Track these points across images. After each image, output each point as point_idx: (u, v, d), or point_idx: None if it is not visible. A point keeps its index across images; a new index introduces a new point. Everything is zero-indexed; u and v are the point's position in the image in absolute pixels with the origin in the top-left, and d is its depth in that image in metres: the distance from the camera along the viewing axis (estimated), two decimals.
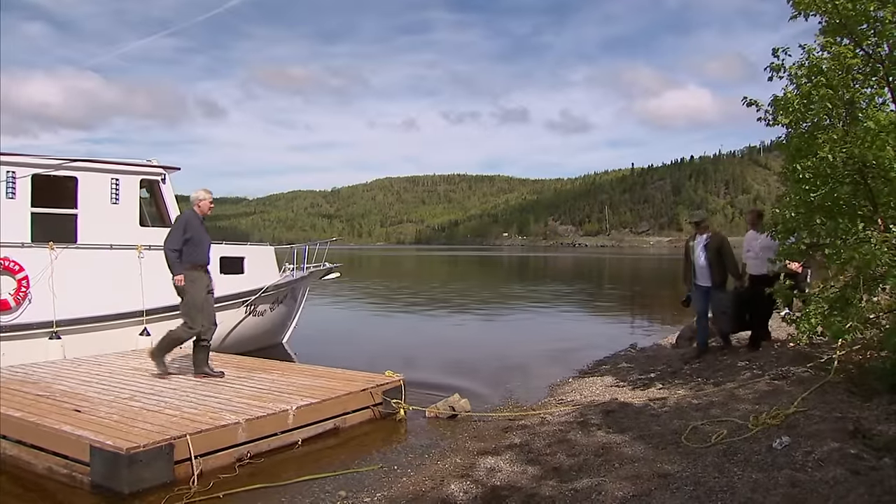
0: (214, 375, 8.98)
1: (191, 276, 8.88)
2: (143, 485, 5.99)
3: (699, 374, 9.32)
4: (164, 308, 11.71)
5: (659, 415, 7.15)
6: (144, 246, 11.65)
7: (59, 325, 10.67)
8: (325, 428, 7.79)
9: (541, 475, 5.62)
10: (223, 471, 6.49)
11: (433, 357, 13.25)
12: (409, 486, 5.94)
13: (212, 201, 9.30)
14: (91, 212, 11.30)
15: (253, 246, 14.44)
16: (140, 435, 6.34)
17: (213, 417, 6.96)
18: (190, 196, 9.21)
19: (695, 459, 5.46)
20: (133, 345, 11.35)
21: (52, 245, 10.80)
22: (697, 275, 10.40)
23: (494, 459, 6.17)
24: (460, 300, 28.29)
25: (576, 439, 6.59)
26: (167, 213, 12.20)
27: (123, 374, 9.29)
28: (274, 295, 13.70)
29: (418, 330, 19.02)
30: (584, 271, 59.43)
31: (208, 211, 9.24)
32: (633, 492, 4.87)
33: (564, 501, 4.90)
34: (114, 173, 11.55)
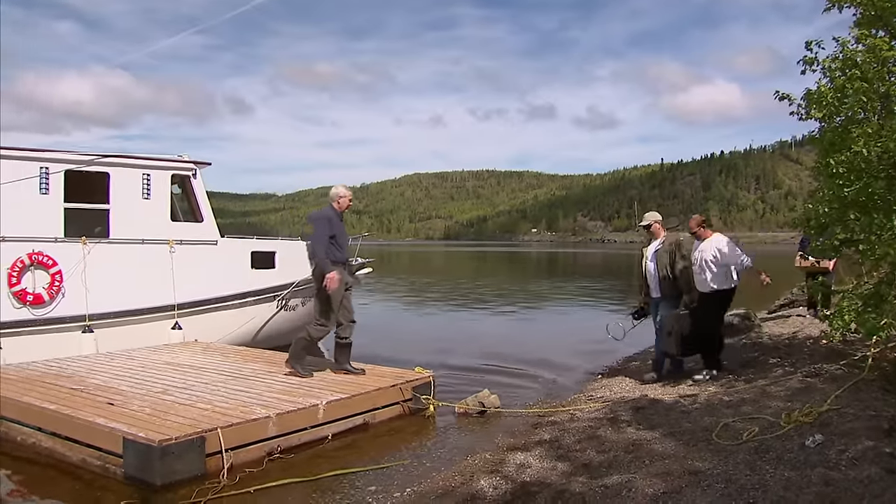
0: (356, 372, 8.84)
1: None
2: (175, 477, 6.04)
3: (730, 371, 9.24)
4: (196, 302, 11.82)
5: (689, 411, 7.10)
6: (176, 241, 11.76)
7: (91, 319, 10.79)
8: (355, 423, 7.81)
9: (571, 471, 5.60)
10: (253, 464, 6.54)
11: (463, 352, 13.23)
12: (439, 481, 5.95)
13: (351, 198, 9.12)
14: (123, 207, 11.40)
15: (284, 241, 14.49)
16: (172, 428, 6.40)
17: (243, 411, 7.01)
18: (329, 192, 9.05)
19: (726, 457, 5.42)
20: (165, 339, 11.45)
21: (84, 240, 10.92)
22: (650, 285, 9.71)
23: (524, 455, 6.16)
24: (489, 296, 28.27)
25: (606, 436, 6.56)
26: (198, 207, 12.29)
27: (155, 368, 9.38)
28: (306, 290, 13.73)
29: (448, 326, 19.03)
30: (613, 267, 59.10)
31: (346, 208, 9.07)
32: (664, 489, 4.84)
33: (594, 498, 4.87)
34: (145, 169, 11.65)
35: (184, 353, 10.57)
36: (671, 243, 9.53)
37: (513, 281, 42.16)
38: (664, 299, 9.46)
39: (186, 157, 12.27)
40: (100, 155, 11.25)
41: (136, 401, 7.47)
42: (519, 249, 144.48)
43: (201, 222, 12.26)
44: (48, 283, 10.56)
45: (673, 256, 9.37)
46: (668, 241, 9.57)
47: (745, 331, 12.34)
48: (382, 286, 32.07)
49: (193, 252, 11.98)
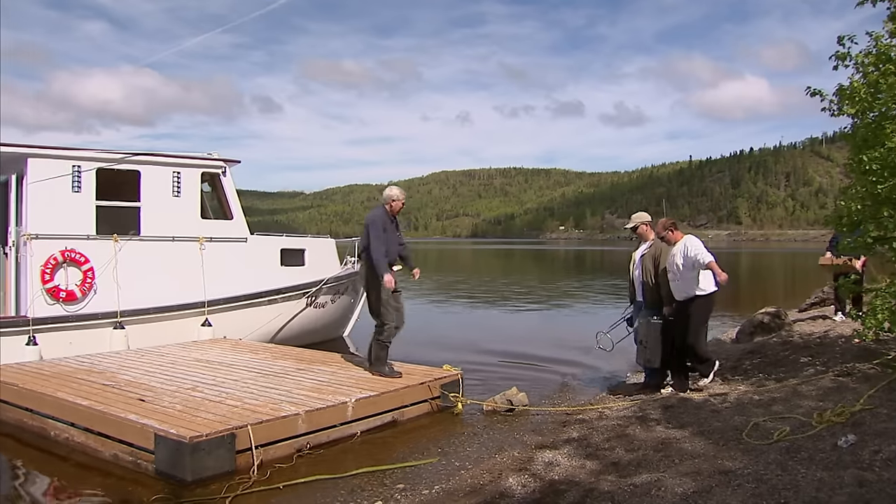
0: (393, 376, 8.72)
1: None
2: (205, 473, 6.09)
3: (760, 370, 9.16)
4: (226, 300, 11.91)
5: (719, 410, 7.05)
6: (206, 238, 11.85)
7: (122, 315, 10.90)
8: (384, 420, 7.83)
9: (599, 470, 5.58)
10: (283, 461, 6.57)
11: (491, 350, 13.22)
12: (467, 479, 5.95)
13: (403, 201, 9.03)
14: (153, 204, 11.51)
15: (314, 238, 14.55)
16: (203, 424, 6.45)
17: (273, 408, 7.05)
18: (383, 193, 8.98)
19: (757, 456, 5.37)
20: (195, 336, 11.55)
21: (115, 237, 11.04)
22: (636, 290, 9.12)
23: (552, 453, 6.14)
24: (517, 294, 28.21)
25: (634, 434, 6.53)
26: (228, 205, 12.38)
27: (185, 364, 9.46)
28: (335, 287, 13.77)
29: (476, 323, 19.02)
30: None
31: (398, 210, 8.98)
32: (694, 488, 4.80)
33: (623, 497, 4.85)
34: (175, 167, 11.75)
35: (213, 349, 10.65)
36: (655, 249, 8.84)
37: (541, 278, 42.05)
38: (648, 308, 8.81)
39: (216, 155, 12.37)
40: (131, 153, 11.37)
41: (167, 397, 7.55)
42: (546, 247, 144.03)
43: (231, 220, 12.35)
44: (80, 280, 10.71)
45: (657, 262, 8.70)
46: (655, 246, 8.85)
47: (776, 329, 12.22)
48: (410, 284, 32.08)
49: (223, 249, 12.08)
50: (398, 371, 8.80)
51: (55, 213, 10.63)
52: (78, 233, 10.78)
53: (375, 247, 8.61)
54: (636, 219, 9.32)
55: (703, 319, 8.46)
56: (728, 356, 10.68)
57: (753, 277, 44.45)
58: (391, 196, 8.94)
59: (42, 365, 9.41)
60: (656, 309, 8.66)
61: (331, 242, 14.54)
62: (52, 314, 10.50)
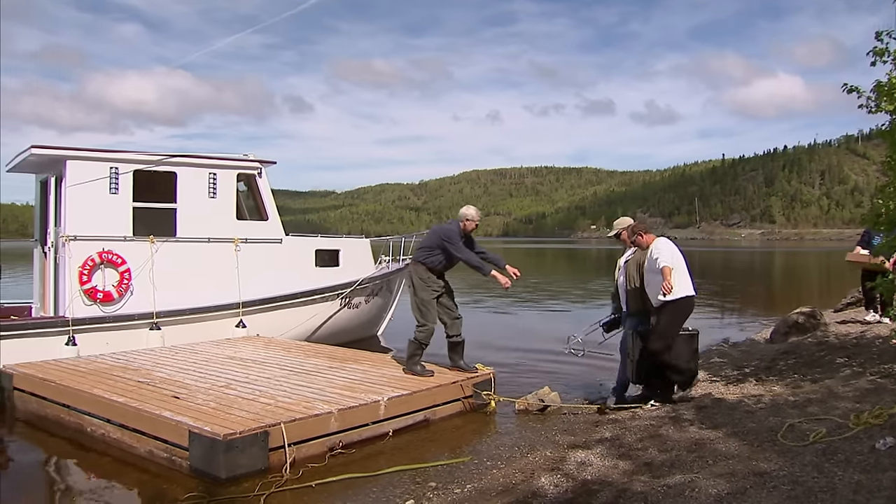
0: (425, 375, 8.76)
1: (426, 276, 8.85)
2: (239, 470, 6.15)
3: (795, 371, 9.06)
4: (260, 300, 11.99)
5: (754, 411, 6.97)
6: (241, 239, 11.94)
7: (158, 316, 11.02)
8: (416, 419, 7.85)
9: (632, 470, 5.55)
10: (315, 459, 6.61)
11: (523, 350, 13.20)
12: (500, 478, 5.94)
13: (477, 223, 9.04)
14: (189, 206, 11.61)
15: (348, 238, 14.61)
16: (236, 422, 6.51)
17: (306, 406, 7.09)
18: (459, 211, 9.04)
19: (792, 458, 5.31)
20: (229, 336, 11.65)
21: (152, 238, 11.16)
22: (620, 296, 8.81)
23: (585, 453, 6.12)
24: (549, 293, 28.14)
25: (668, 434, 6.48)
26: (264, 206, 12.46)
27: (219, 362, 9.55)
28: (369, 288, 13.81)
29: (509, 322, 19.00)
30: None
31: (470, 231, 8.98)
32: (728, 489, 4.75)
33: (657, 497, 4.81)
34: (211, 168, 11.85)
35: (246, 347, 10.74)
36: (643, 254, 8.44)
37: (573, 278, 41.90)
38: (632, 316, 8.51)
39: (252, 157, 12.45)
40: (167, 155, 11.48)
41: (201, 395, 7.62)
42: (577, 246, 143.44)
43: (266, 221, 12.43)
44: (117, 281, 10.84)
45: (642, 269, 8.37)
46: (640, 252, 8.49)
47: (811, 329, 12.09)
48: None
49: (259, 250, 12.17)
50: (430, 370, 8.81)
51: (93, 214, 10.77)
52: (115, 234, 10.91)
53: (467, 257, 8.75)
54: (618, 225, 8.98)
55: (670, 325, 7.87)
56: (762, 356, 10.59)
57: (787, 277, 43.97)
58: (466, 215, 8.95)
59: (79, 362, 9.55)
60: (641, 318, 8.34)
61: (365, 243, 14.58)
62: (90, 315, 10.65)
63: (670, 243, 7.96)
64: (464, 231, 8.91)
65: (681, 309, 7.87)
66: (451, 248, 8.72)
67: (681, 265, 7.82)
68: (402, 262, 14.90)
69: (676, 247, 7.97)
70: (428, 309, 8.80)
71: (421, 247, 9.13)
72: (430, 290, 8.80)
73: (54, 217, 11.23)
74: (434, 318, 8.82)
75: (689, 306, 7.91)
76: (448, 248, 8.75)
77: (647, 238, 8.19)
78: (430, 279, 8.82)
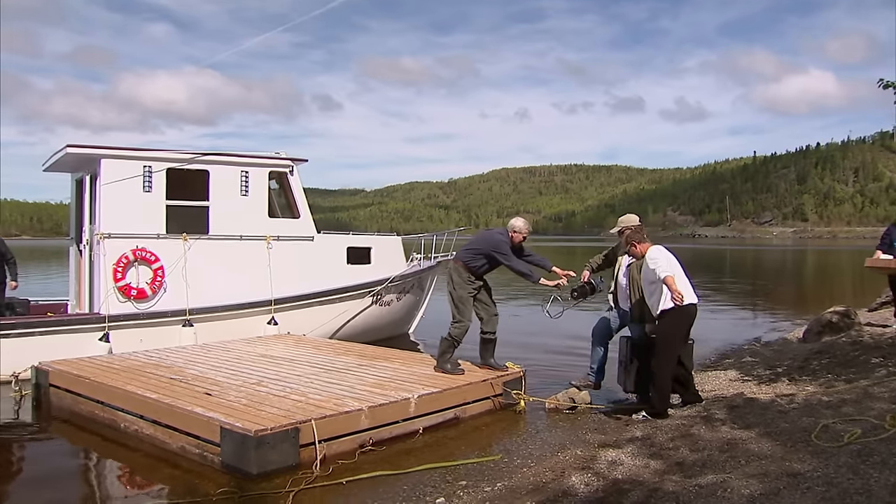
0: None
1: (465, 276, 8.86)
2: (270, 466, 6.18)
3: (829, 371, 8.96)
4: (292, 298, 12.04)
5: (787, 411, 6.90)
6: (273, 237, 12.01)
7: (191, 313, 11.12)
8: (446, 417, 7.85)
9: (663, 469, 5.52)
10: (345, 456, 6.63)
11: (554, 348, 13.16)
12: (530, 476, 5.93)
13: (525, 235, 8.95)
14: (222, 204, 11.70)
15: (380, 236, 14.64)
16: (267, 418, 6.55)
17: (336, 404, 7.12)
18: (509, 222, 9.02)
19: (826, 459, 5.25)
20: (261, 334, 11.73)
21: (185, 236, 11.26)
22: (619, 297, 8.69)
23: (616, 452, 6.09)
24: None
25: (699, 434, 6.44)
26: (295, 204, 12.52)
27: (250, 359, 9.61)
28: (400, 285, 13.83)
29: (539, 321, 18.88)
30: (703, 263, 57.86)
31: (519, 242, 8.92)
32: (761, 490, 4.71)
33: (689, 497, 4.78)
34: (243, 166, 11.92)
35: (277, 345, 10.80)
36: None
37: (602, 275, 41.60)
38: (634, 322, 8.33)
39: (284, 155, 12.51)
40: (200, 153, 11.57)
41: (233, 391, 7.68)
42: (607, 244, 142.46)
43: (298, 218, 12.48)
44: (150, 279, 10.96)
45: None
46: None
47: (845, 329, 11.94)
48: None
49: (290, 248, 12.24)
50: (462, 368, 8.80)
51: (127, 212, 10.89)
52: (149, 232, 11.03)
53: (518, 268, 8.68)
54: (623, 222, 8.64)
55: (668, 339, 7.54)
56: (795, 356, 10.48)
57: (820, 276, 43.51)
58: (514, 227, 8.91)
59: (112, 359, 9.67)
60: (642, 324, 8.14)
61: (397, 240, 14.59)
62: (124, 312, 10.77)
63: (665, 251, 7.67)
64: (512, 242, 8.85)
65: (683, 317, 7.51)
66: (501, 258, 8.71)
67: (679, 273, 7.58)
68: (434, 260, 14.90)
69: (672, 253, 7.73)
70: (465, 305, 8.81)
71: (467, 248, 9.11)
72: (467, 288, 8.82)
73: (89, 215, 11.38)
74: (470, 316, 8.83)
75: (690, 315, 7.60)
76: (498, 259, 8.74)
77: (641, 247, 7.80)
78: (469, 278, 8.84)
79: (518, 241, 8.89)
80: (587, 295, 8.88)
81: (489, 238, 9.03)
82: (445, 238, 15.60)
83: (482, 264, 8.84)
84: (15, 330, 10.12)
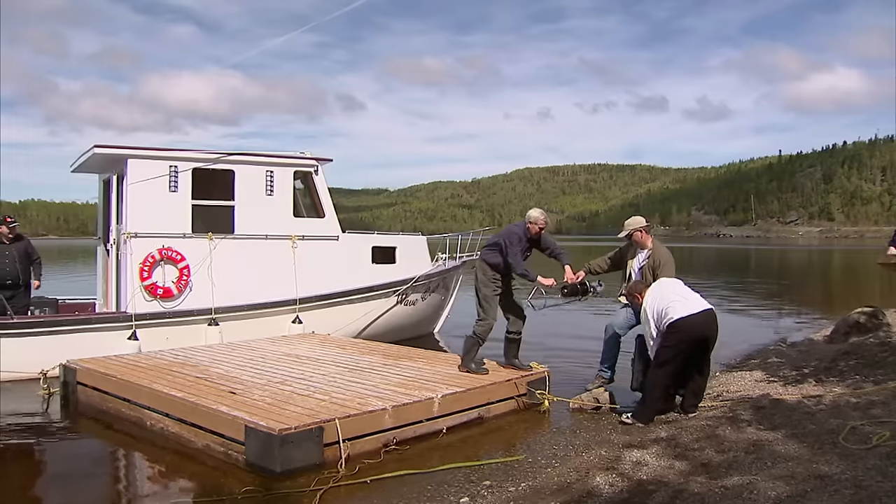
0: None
1: (489, 273, 8.85)
2: (293, 465, 6.20)
3: (857, 372, 8.85)
4: (317, 297, 12.08)
5: (814, 413, 6.84)
6: (298, 236, 12.05)
7: (216, 312, 11.19)
8: (470, 417, 7.84)
9: (689, 471, 5.48)
10: (369, 456, 6.64)
11: (579, 348, 13.10)
12: (554, 476, 5.91)
13: (541, 227, 8.83)
14: (247, 203, 11.77)
15: (405, 236, 14.65)
16: (291, 417, 6.57)
17: (360, 403, 7.13)
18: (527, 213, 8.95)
19: (854, 461, 5.19)
20: (285, 333, 11.78)
21: (210, 236, 11.33)
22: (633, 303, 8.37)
23: (640, 453, 6.06)
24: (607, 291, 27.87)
25: (725, 435, 6.39)
26: (320, 203, 12.56)
27: (275, 359, 9.66)
28: (425, 285, 13.83)
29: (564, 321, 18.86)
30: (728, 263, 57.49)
31: (536, 234, 8.83)
32: (788, 492, 4.67)
33: (714, 499, 4.75)
34: (269, 166, 11.98)
35: (302, 344, 10.84)
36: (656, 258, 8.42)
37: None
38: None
39: (309, 154, 12.56)
40: (225, 153, 11.64)
41: (257, 390, 7.72)
42: None
43: (323, 218, 12.52)
44: (176, 278, 11.04)
45: (657, 273, 8.21)
46: (654, 255, 8.45)
47: (873, 329, 11.80)
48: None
49: (315, 247, 12.27)
50: (486, 368, 8.79)
51: (153, 212, 10.99)
52: (174, 231, 11.11)
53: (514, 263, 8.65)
54: (630, 225, 8.69)
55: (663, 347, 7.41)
56: (822, 357, 10.37)
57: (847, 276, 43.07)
58: (530, 217, 8.84)
59: (139, 357, 9.75)
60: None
61: (422, 240, 14.58)
62: (150, 310, 10.86)
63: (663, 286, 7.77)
64: (528, 233, 8.80)
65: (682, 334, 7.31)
66: (506, 250, 8.68)
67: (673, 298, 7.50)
68: (459, 260, 14.88)
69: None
70: (489, 304, 8.79)
71: (487, 244, 9.15)
72: (491, 286, 8.80)
73: (116, 215, 11.48)
74: (494, 315, 8.81)
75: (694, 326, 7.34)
76: (503, 249, 8.72)
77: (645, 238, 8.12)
78: (493, 276, 8.81)
79: (535, 233, 8.82)
80: (577, 295, 8.93)
81: (505, 231, 9.01)
82: (471, 238, 15.57)
83: (501, 260, 8.80)
84: (45, 328, 10.24)
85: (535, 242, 8.92)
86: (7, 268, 10.83)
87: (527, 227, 8.80)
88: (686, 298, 7.52)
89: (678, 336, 7.28)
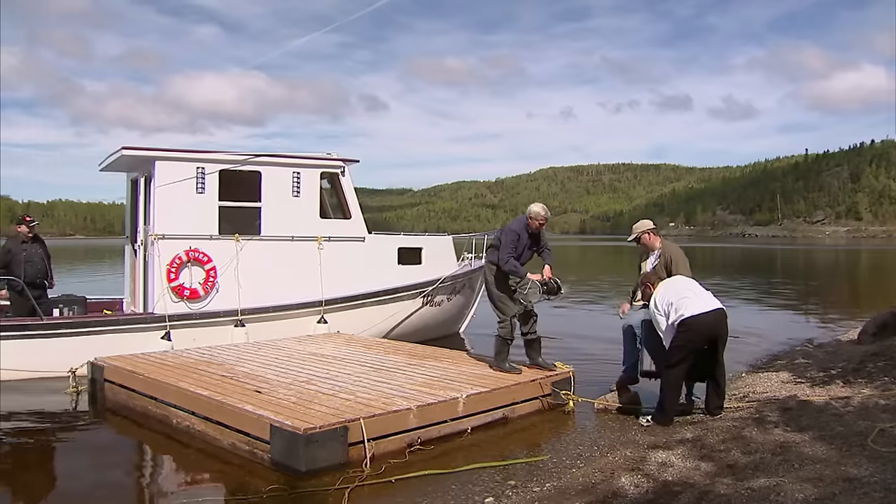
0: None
1: (497, 273, 8.87)
2: (318, 464, 6.23)
3: (886, 373, 8.75)
4: (343, 298, 12.11)
5: (842, 414, 6.78)
6: (324, 237, 12.09)
7: (243, 313, 11.25)
8: (494, 417, 7.83)
9: (715, 472, 5.46)
10: (394, 455, 6.65)
11: (604, 349, 13.05)
12: (579, 477, 5.91)
13: (542, 221, 8.84)
14: (274, 205, 11.82)
15: (431, 236, 14.65)
16: (316, 417, 6.60)
17: (385, 403, 7.15)
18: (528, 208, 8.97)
19: (884, 464, 5.14)
20: (311, 333, 11.83)
21: (237, 237, 11.40)
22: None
23: (666, 454, 6.04)
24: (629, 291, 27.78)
25: (751, 436, 6.36)
26: (347, 204, 12.58)
27: (300, 358, 9.70)
28: (451, 286, 13.83)
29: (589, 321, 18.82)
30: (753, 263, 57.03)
31: (537, 228, 8.85)
32: (816, 495, 4.63)
33: (740, 501, 4.72)
34: (295, 167, 12.02)
35: (327, 344, 10.88)
36: (666, 256, 8.40)
37: None
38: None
39: (335, 155, 12.60)
40: (252, 155, 11.69)
41: (282, 389, 7.76)
42: None
43: (350, 219, 12.55)
44: (203, 279, 11.12)
45: (670, 274, 8.17)
46: (664, 256, 8.41)
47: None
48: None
49: (342, 248, 12.31)
50: (519, 368, 8.77)
51: (180, 213, 11.06)
52: (202, 233, 11.18)
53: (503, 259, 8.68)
54: (638, 228, 8.75)
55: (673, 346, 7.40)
56: (849, 358, 10.26)
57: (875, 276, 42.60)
58: (531, 212, 8.85)
59: (165, 356, 9.83)
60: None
61: (448, 240, 14.57)
62: (177, 311, 10.95)
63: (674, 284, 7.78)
64: (529, 227, 8.83)
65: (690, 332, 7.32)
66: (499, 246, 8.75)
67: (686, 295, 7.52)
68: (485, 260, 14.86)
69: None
70: (503, 303, 8.80)
71: (490, 244, 9.17)
72: (502, 285, 8.80)
73: (143, 216, 11.58)
74: (511, 311, 8.80)
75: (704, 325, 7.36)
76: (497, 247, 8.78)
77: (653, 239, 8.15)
78: (500, 275, 8.82)
79: (536, 227, 8.83)
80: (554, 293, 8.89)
81: (503, 229, 9.03)
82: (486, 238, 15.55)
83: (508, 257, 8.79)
84: (78, 329, 10.37)
85: (537, 238, 8.93)
86: (39, 265, 10.97)
87: (528, 222, 8.82)
88: (697, 295, 7.53)
89: (687, 335, 7.27)
